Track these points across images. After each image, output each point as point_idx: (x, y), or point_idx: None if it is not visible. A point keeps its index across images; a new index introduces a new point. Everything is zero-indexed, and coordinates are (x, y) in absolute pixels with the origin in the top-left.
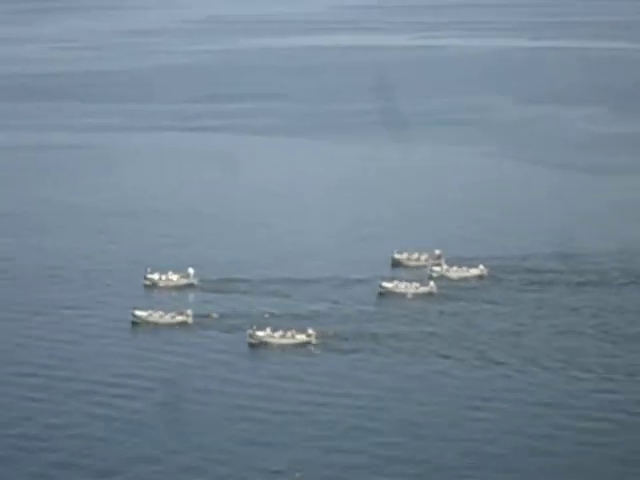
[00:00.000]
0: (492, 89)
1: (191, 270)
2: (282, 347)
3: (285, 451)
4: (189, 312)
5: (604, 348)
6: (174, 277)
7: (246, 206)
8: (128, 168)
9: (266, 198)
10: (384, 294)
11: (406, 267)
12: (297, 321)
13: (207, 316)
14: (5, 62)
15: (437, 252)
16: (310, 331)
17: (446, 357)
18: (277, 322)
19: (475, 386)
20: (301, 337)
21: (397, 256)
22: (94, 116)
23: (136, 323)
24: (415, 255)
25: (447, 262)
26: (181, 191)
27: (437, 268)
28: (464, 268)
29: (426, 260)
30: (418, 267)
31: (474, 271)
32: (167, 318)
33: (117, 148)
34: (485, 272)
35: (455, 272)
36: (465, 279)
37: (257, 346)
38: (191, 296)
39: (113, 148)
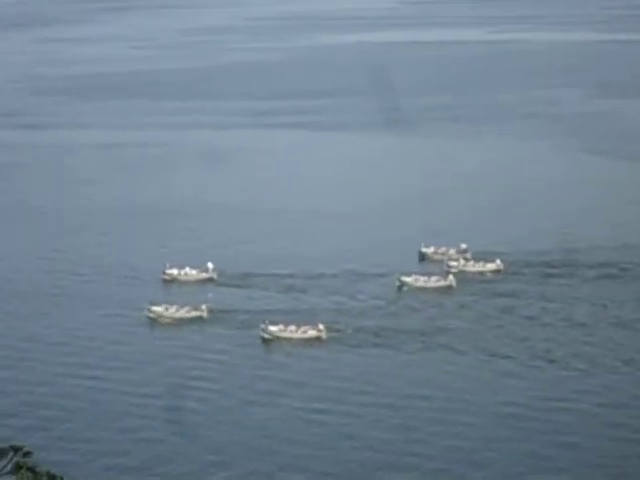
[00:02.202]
0: (561, 82)
1: (210, 265)
2: (294, 342)
3: (295, 447)
4: (204, 307)
5: (620, 341)
6: (193, 272)
7: (283, 200)
8: (190, 165)
9: (308, 193)
10: (403, 288)
11: (433, 261)
12: (313, 316)
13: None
14: (73, 62)
15: (463, 246)
16: (320, 326)
17: (462, 351)
18: (293, 317)
19: (496, 383)
20: (312, 332)
21: (424, 250)
22: (163, 114)
23: (152, 318)
24: (442, 249)
25: (473, 256)
26: (229, 187)
27: (454, 262)
28: (481, 263)
29: (453, 254)
30: (444, 261)
31: (491, 266)
32: (182, 313)
33: (184, 146)
34: (502, 267)
35: (472, 267)
36: (482, 273)
37: (270, 341)
38: (210, 291)
39: (181, 146)
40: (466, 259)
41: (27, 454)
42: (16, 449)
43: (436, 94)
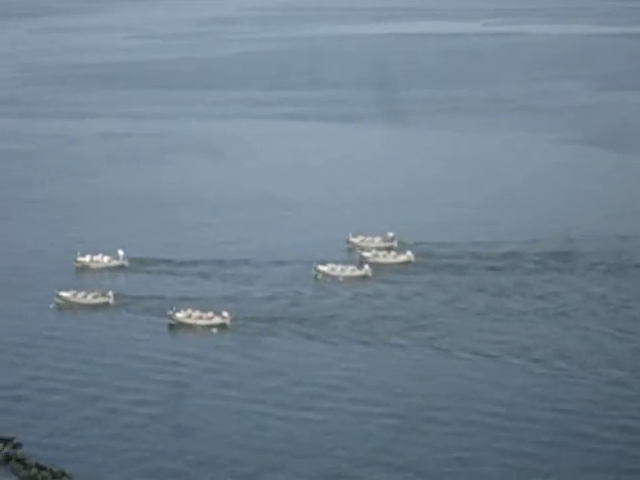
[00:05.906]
0: (561, 75)
1: (121, 252)
2: (198, 329)
3: (198, 434)
4: (110, 293)
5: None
6: (104, 259)
7: (231, 189)
8: (174, 156)
9: (269, 182)
10: (319, 277)
11: (360, 250)
12: (224, 303)
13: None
14: (79, 52)
15: (390, 235)
16: (225, 314)
17: (364, 341)
18: (205, 304)
19: (404, 369)
20: (217, 319)
21: (351, 239)
22: (167, 104)
23: (60, 304)
24: (369, 238)
25: (399, 246)
26: (189, 179)
27: (367, 253)
28: (393, 254)
29: (379, 243)
30: (371, 250)
31: (402, 257)
32: (89, 299)
33: (188, 135)
34: (412, 258)
35: (384, 258)
36: (393, 264)
37: (176, 327)
38: (120, 277)
39: (184, 135)
40: (390, 249)
41: (17, 446)
42: (5, 441)
43: (435, 86)
